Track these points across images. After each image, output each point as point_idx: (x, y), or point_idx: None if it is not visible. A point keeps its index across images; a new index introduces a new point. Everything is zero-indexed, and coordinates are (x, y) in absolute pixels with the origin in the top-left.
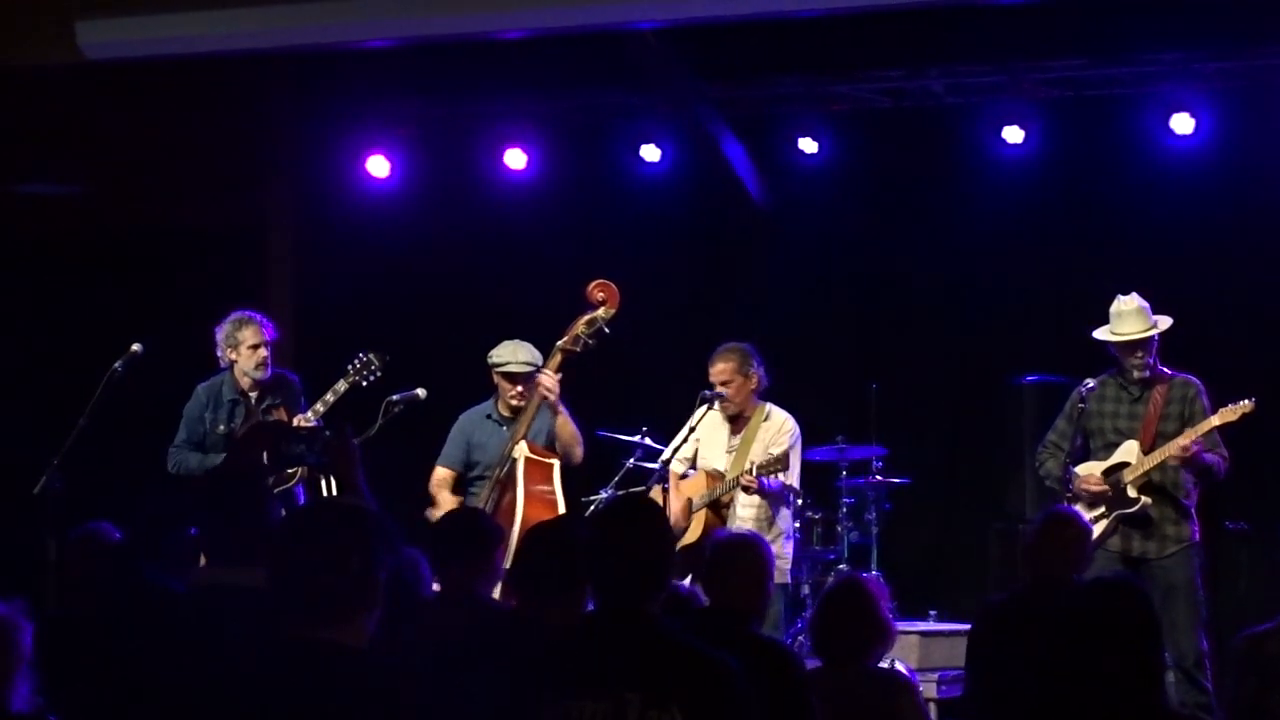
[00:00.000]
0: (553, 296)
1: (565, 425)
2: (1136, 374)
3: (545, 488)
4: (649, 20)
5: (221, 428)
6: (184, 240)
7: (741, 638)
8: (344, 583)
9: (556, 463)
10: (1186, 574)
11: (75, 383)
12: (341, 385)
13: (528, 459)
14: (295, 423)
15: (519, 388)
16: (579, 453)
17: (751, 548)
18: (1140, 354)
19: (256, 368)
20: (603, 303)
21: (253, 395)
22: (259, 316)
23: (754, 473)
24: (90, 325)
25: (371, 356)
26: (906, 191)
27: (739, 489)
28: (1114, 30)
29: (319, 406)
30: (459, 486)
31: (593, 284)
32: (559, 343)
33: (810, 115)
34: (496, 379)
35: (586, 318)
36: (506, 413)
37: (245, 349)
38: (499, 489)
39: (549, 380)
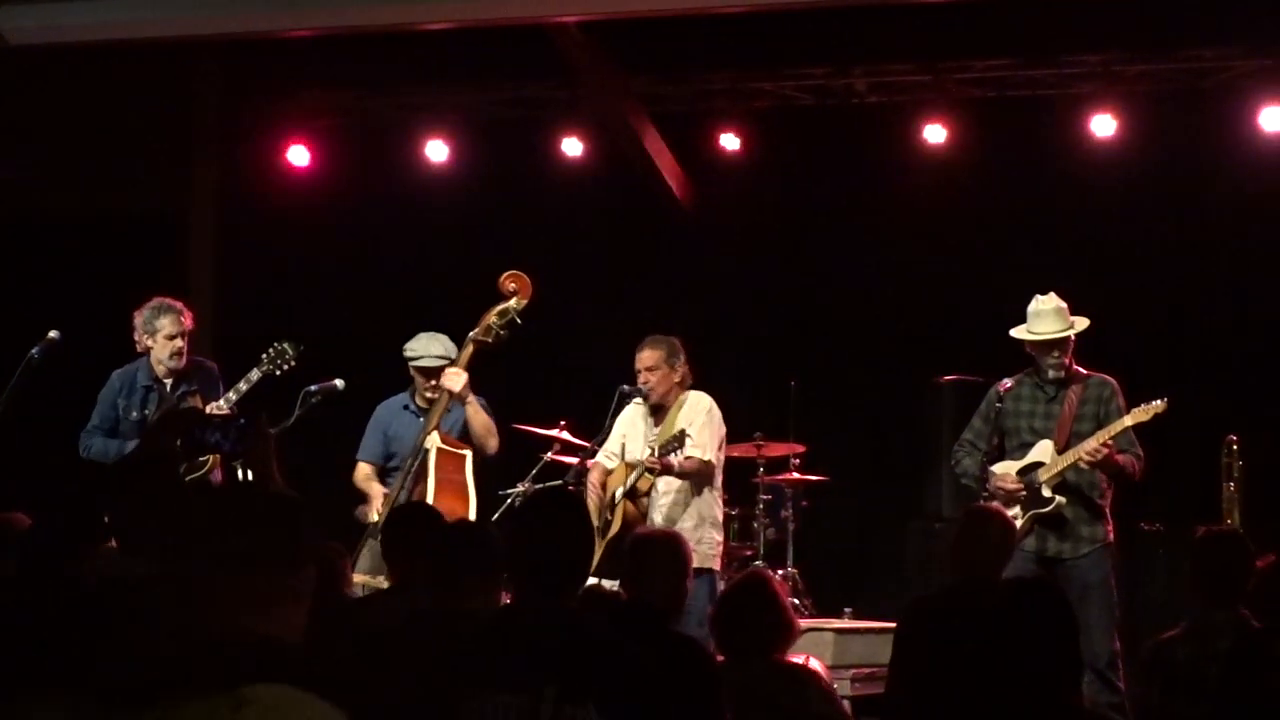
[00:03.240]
0: (473, 288)
1: (476, 416)
2: (1052, 374)
3: (456, 478)
4: (573, 13)
5: (135, 414)
6: (104, 226)
7: (656, 634)
8: (276, 572)
9: (469, 454)
10: (1101, 574)
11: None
12: (255, 374)
13: (439, 449)
14: (208, 410)
15: (433, 381)
16: (493, 444)
17: (669, 544)
18: (1056, 354)
19: (171, 357)
20: (515, 293)
21: (168, 382)
22: (179, 305)
23: (656, 453)
24: (6, 312)
25: (286, 346)
26: (828, 189)
27: (649, 473)
28: (1037, 31)
29: (231, 395)
30: (380, 477)
31: (505, 275)
32: (471, 334)
33: (733, 112)
34: (412, 372)
35: (498, 309)
36: (424, 404)
37: (161, 337)
38: (411, 480)
39: (449, 375)
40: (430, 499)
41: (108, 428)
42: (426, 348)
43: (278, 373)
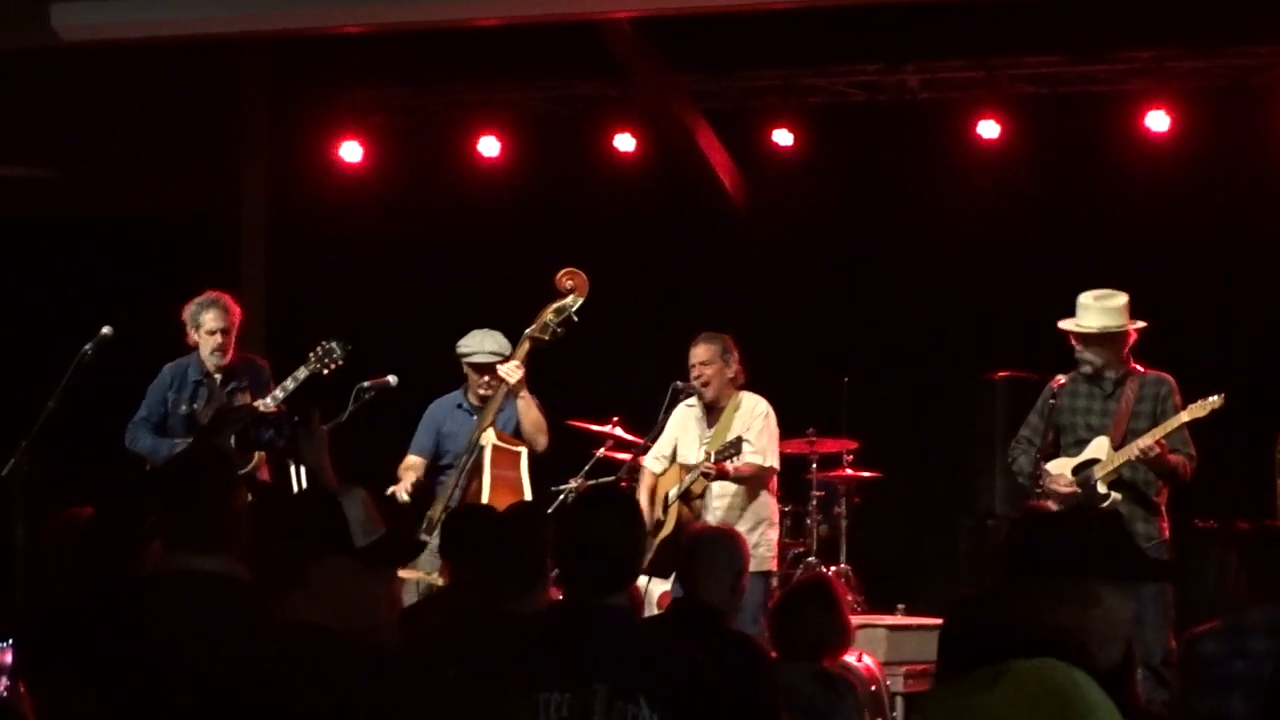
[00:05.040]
0: (526, 285)
1: (528, 411)
2: (1088, 370)
3: (511, 474)
4: (624, 9)
5: (184, 408)
6: (157, 224)
7: (712, 632)
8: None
9: (524, 450)
10: None
11: (45, 366)
12: (302, 372)
13: (494, 446)
14: (260, 405)
15: (486, 377)
16: (543, 441)
17: (724, 542)
18: (1097, 348)
19: (214, 352)
20: (571, 290)
21: (218, 378)
22: (225, 299)
23: (712, 459)
24: (61, 309)
25: (334, 344)
26: (880, 186)
27: (704, 478)
28: (1090, 27)
29: (278, 393)
30: (428, 473)
31: (561, 272)
32: (527, 331)
33: (785, 108)
34: (466, 369)
35: (555, 306)
36: (477, 402)
37: (204, 333)
38: (466, 477)
39: (507, 370)
40: (485, 496)
41: (156, 420)
42: (480, 344)
43: (325, 372)
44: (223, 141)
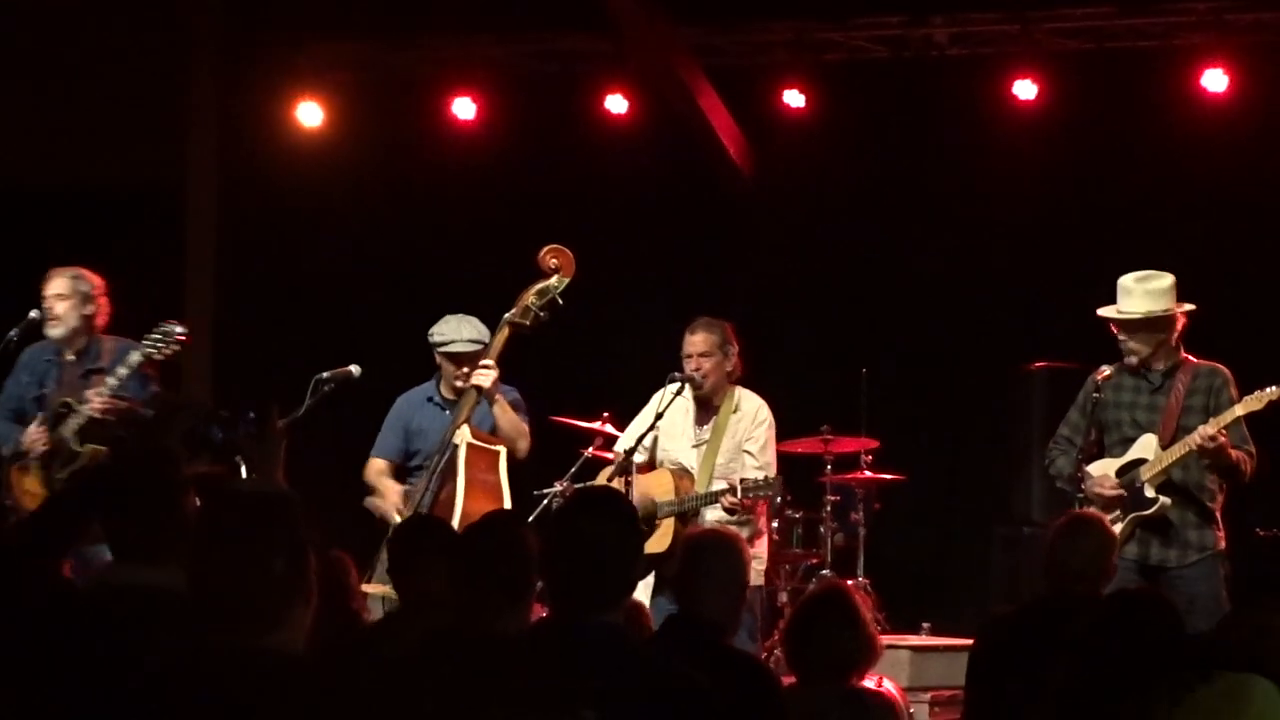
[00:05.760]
0: (504, 264)
1: (504, 415)
2: (1134, 359)
3: (489, 477)
4: None
5: (34, 392)
6: (92, 198)
7: (712, 650)
8: (266, 582)
9: (502, 450)
10: (1210, 585)
11: None
12: (135, 357)
13: (470, 445)
14: (87, 396)
15: (464, 369)
16: (524, 446)
17: (727, 549)
18: (1143, 337)
19: (51, 326)
20: (556, 270)
21: (70, 358)
22: (78, 269)
23: (738, 495)
24: None
25: (173, 325)
26: (904, 153)
27: (727, 514)
28: None
29: (112, 380)
30: (399, 476)
31: (545, 249)
32: (507, 315)
33: (798, 66)
34: (439, 359)
35: (537, 287)
36: (450, 395)
37: (45, 306)
38: (439, 479)
39: (479, 375)
40: (460, 500)
41: (13, 406)
42: (457, 331)
43: (160, 356)
44: (166, 103)
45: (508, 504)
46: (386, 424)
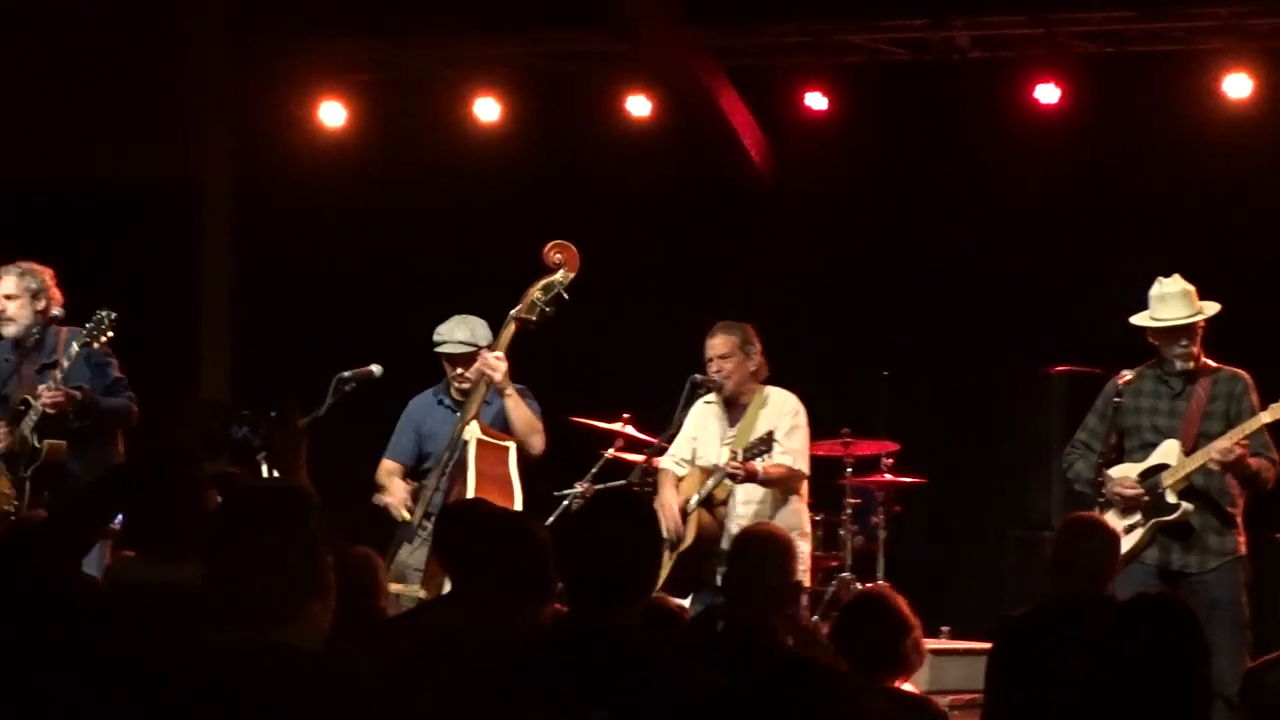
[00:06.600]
0: (525, 265)
1: (517, 410)
2: (1179, 365)
3: (499, 471)
4: None
5: None
6: (109, 193)
7: (761, 650)
8: (280, 577)
9: (512, 446)
10: (1231, 591)
11: None
12: (74, 348)
13: (479, 441)
14: (39, 393)
15: (459, 369)
16: (538, 442)
17: (777, 545)
18: (1184, 342)
19: (2, 325)
20: (560, 265)
21: (24, 356)
22: (27, 264)
23: (740, 457)
24: None
25: (104, 313)
26: (925, 156)
27: (730, 479)
28: None
29: (56, 373)
30: (410, 479)
31: (549, 245)
32: (512, 313)
33: (818, 68)
34: (442, 361)
35: (542, 283)
36: (458, 396)
37: None
38: (448, 477)
39: (489, 359)
40: (470, 496)
41: None
42: (450, 332)
43: (95, 345)
44: (186, 101)
45: (519, 499)
46: (398, 428)
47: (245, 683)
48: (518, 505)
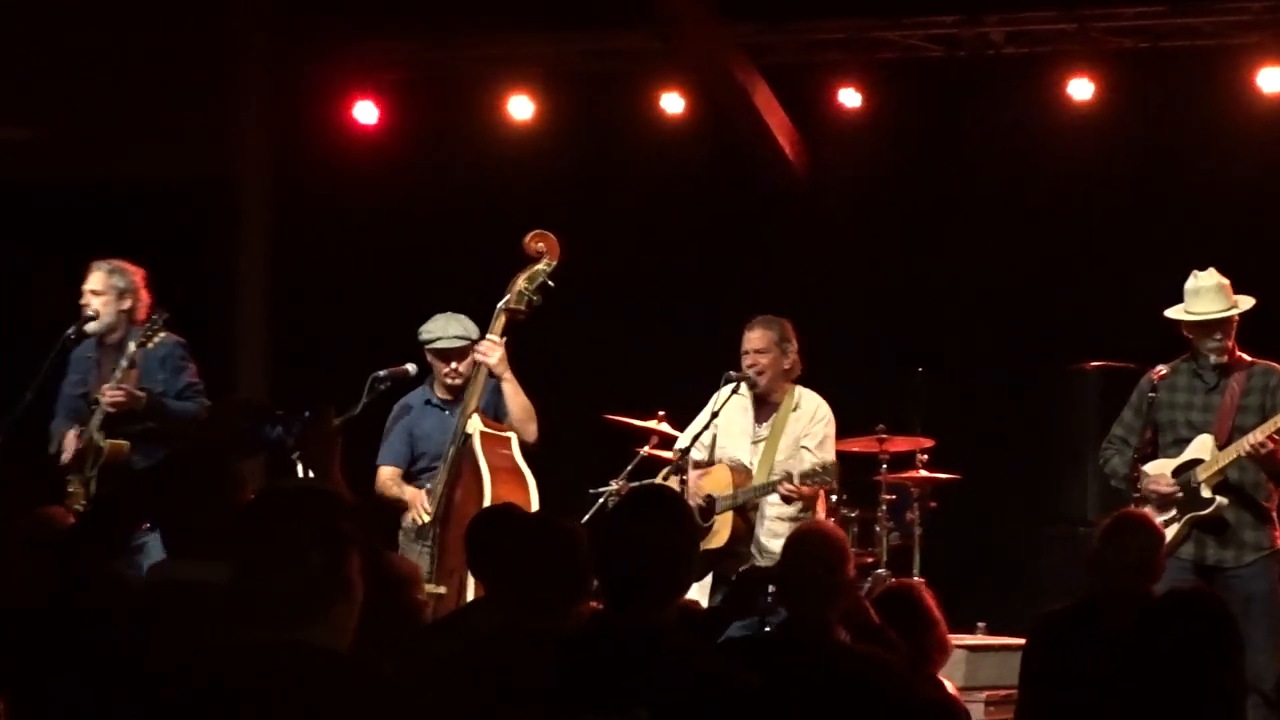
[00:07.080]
0: (560, 262)
1: (515, 396)
2: (1214, 359)
3: (509, 461)
4: None
5: (79, 390)
6: (146, 193)
7: (818, 648)
8: (304, 578)
9: (513, 435)
10: (1266, 585)
11: (20, 352)
12: (131, 347)
13: (483, 433)
14: (104, 393)
15: (450, 365)
16: (533, 430)
17: (831, 544)
18: (1219, 336)
19: (87, 320)
20: (542, 254)
21: (106, 354)
22: (117, 263)
23: (796, 482)
24: (39, 290)
25: (158, 315)
26: (959, 152)
27: (785, 501)
28: None
29: (117, 373)
30: (406, 482)
31: (530, 235)
32: (500, 304)
33: (852, 65)
34: (429, 358)
35: (527, 273)
36: (446, 395)
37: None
38: (454, 472)
39: (485, 348)
40: (487, 487)
41: (67, 407)
42: (444, 328)
43: (148, 345)
44: (222, 101)
45: (533, 488)
46: (389, 433)
47: (267, 682)
48: (533, 493)
